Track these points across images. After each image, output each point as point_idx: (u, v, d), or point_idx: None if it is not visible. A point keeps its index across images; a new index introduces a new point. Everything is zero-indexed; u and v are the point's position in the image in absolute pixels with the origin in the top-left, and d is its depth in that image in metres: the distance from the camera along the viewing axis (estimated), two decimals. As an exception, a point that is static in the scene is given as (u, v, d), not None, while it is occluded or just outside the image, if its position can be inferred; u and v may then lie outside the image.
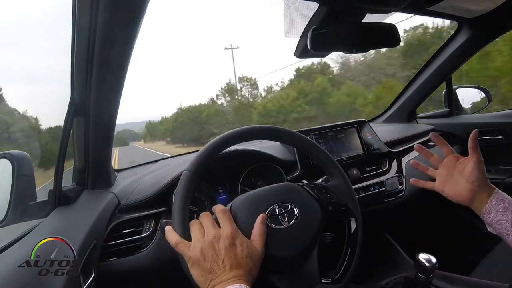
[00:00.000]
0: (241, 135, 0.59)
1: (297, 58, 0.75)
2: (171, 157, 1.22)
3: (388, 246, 1.11)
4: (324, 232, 0.59)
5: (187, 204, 0.50)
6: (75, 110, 0.64)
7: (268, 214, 0.51)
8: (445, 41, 1.13)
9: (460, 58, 1.14)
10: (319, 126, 1.03)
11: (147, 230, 0.71)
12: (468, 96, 1.34)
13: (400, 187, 1.00)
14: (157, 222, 0.73)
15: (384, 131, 1.16)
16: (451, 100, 1.31)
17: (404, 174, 1.04)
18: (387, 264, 1.05)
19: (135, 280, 0.74)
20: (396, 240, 1.11)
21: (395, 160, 1.07)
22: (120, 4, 0.46)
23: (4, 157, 0.62)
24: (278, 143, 0.97)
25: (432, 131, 1.28)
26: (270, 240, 0.48)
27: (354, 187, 0.86)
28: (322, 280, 0.53)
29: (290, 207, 0.53)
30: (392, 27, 0.64)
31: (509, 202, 0.52)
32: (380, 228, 1.15)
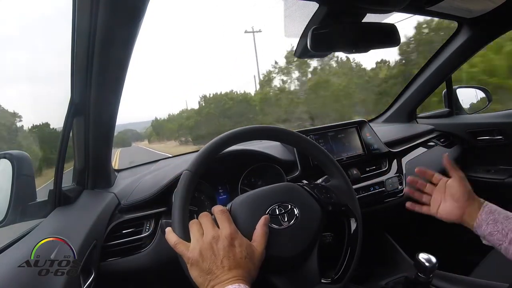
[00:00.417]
0: (241, 135, 0.59)
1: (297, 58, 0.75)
2: (171, 157, 1.22)
3: (388, 246, 1.11)
4: (324, 232, 0.59)
5: (187, 204, 0.50)
6: (75, 110, 0.64)
7: (268, 214, 0.51)
8: (445, 41, 1.13)
9: (460, 58, 1.14)
10: (319, 126, 1.03)
11: (147, 230, 0.71)
12: (467, 97, 1.34)
13: (400, 187, 1.00)
14: (157, 222, 0.73)
15: (384, 131, 1.16)
16: (451, 100, 1.31)
17: (404, 174, 1.04)
18: (387, 264, 1.05)
19: (135, 280, 0.74)
20: (396, 240, 1.11)
21: (395, 160, 1.07)
22: (120, 4, 0.46)
23: (4, 157, 0.62)
24: (278, 143, 0.97)
25: (432, 131, 1.28)
26: (270, 240, 0.48)
27: (354, 187, 0.86)
28: (322, 280, 0.53)
29: (290, 207, 0.53)
30: (392, 27, 0.64)
31: (498, 213, 0.54)
32: (380, 228, 1.15)
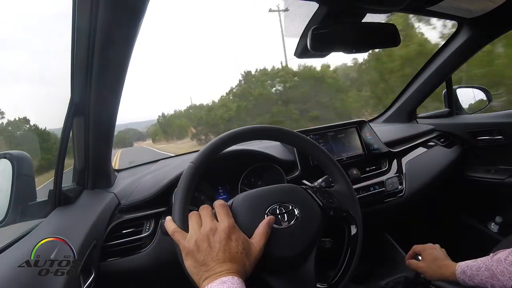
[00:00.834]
0: (241, 135, 0.59)
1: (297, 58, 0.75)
2: (171, 157, 1.22)
3: (388, 246, 1.11)
4: (323, 237, 0.59)
5: (189, 196, 0.50)
6: (75, 110, 0.64)
7: (273, 215, 0.51)
8: (445, 41, 1.13)
9: (460, 58, 1.14)
10: (319, 126, 1.03)
11: (147, 230, 0.71)
12: (467, 97, 1.34)
13: (400, 187, 1.00)
14: (157, 222, 0.73)
15: (384, 131, 1.16)
16: (451, 100, 1.31)
17: (404, 174, 1.04)
18: (387, 264, 1.05)
19: (135, 280, 0.74)
20: (396, 240, 1.11)
21: (395, 160, 1.07)
22: (120, 4, 0.46)
23: (4, 157, 0.62)
24: (278, 143, 0.97)
25: (432, 131, 1.28)
26: (269, 239, 0.48)
27: (354, 187, 0.86)
28: (318, 285, 0.53)
29: (290, 207, 0.53)
30: (392, 27, 0.64)
31: (470, 269, 0.58)
32: (380, 228, 1.15)
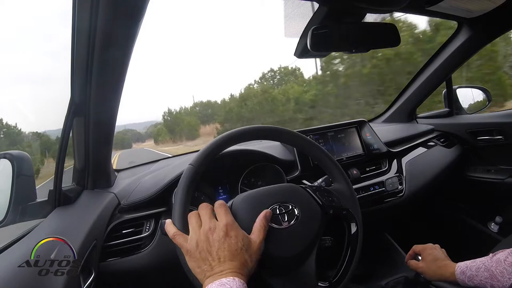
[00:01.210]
0: (241, 135, 0.59)
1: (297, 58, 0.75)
2: (171, 157, 1.22)
3: (388, 246, 1.11)
4: (323, 236, 0.59)
5: (188, 198, 0.50)
6: (75, 110, 0.64)
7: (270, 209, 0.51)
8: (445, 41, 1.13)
9: (460, 58, 1.14)
10: (319, 126, 1.03)
11: (147, 230, 0.71)
12: (467, 97, 1.34)
13: (400, 187, 1.00)
14: (157, 222, 0.73)
15: (384, 131, 1.16)
16: (451, 100, 1.31)
17: (404, 174, 1.04)
18: (387, 264, 1.05)
19: (135, 280, 0.74)
20: (396, 240, 1.11)
21: (395, 160, 1.07)
22: (120, 4, 0.46)
23: (4, 157, 0.62)
24: (278, 143, 0.97)
25: (432, 131, 1.28)
26: (269, 239, 0.48)
27: (354, 187, 0.86)
28: (319, 284, 0.53)
29: (290, 207, 0.53)
30: (392, 27, 0.64)
31: (470, 270, 0.59)
32: (380, 228, 1.15)
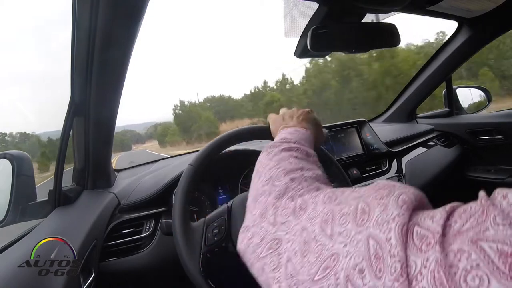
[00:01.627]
0: (240, 135, 0.59)
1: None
2: (171, 157, 1.22)
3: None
4: None
5: (188, 198, 0.51)
6: (75, 110, 0.64)
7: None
8: (445, 41, 1.13)
9: (460, 58, 1.14)
10: None
11: (147, 230, 0.71)
12: (467, 97, 1.34)
13: (400, 187, 1.00)
14: (157, 222, 0.73)
15: (384, 131, 1.16)
16: (451, 100, 1.31)
17: (404, 174, 1.04)
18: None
19: (135, 280, 0.74)
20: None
21: (395, 160, 1.07)
22: (120, 4, 0.46)
23: (4, 157, 0.62)
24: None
25: (432, 131, 1.28)
26: None
27: (354, 187, 0.86)
28: None
29: None
30: (392, 27, 0.64)
31: None
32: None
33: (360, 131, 1.06)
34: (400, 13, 0.79)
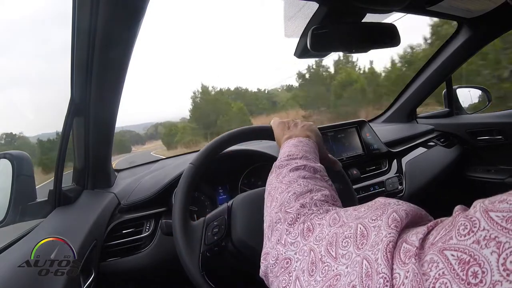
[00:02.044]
0: (241, 135, 0.59)
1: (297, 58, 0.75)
2: (171, 157, 1.22)
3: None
4: None
5: (188, 197, 0.51)
6: (75, 110, 0.64)
7: None
8: (445, 41, 1.13)
9: (460, 58, 1.14)
10: (319, 126, 1.03)
11: (147, 230, 0.71)
12: (467, 97, 1.34)
13: (400, 187, 1.00)
14: (157, 222, 0.73)
15: (384, 131, 1.16)
16: (451, 100, 1.31)
17: (404, 174, 1.04)
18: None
19: (135, 280, 0.74)
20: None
21: (395, 160, 1.07)
22: (120, 4, 0.46)
23: (4, 157, 0.62)
24: (278, 143, 0.96)
25: (432, 131, 1.28)
26: None
27: (354, 187, 0.86)
28: None
29: None
30: (392, 27, 0.64)
31: None
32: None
33: (360, 131, 1.06)
34: (400, 13, 0.80)
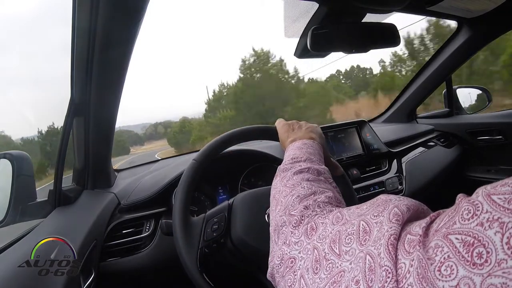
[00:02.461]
0: (243, 135, 0.59)
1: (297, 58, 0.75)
2: (171, 157, 1.22)
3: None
4: None
5: (190, 194, 0.51)
6: (75, 110, 0.64)
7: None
8: (445, 41, 1.13)
9: (460, 58, 1.14)
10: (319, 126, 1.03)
11: (147, 230, 0.71)
12: (467, 97, 1.34)
13: (400, 187, 1.00)
14: (157, 222, 0.73)
15: (384, 131, 1.16)
16: (451, 100, 1.31)
17: (404, 174, 1.04)
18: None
19: (135, 280, 0.74)
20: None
21: (395, 160, 1.07)
22: (120, 4, 0.46)
23: (4, 157, 0.62)
24: (278, 143, 0.96)
25: (432, 131, 1.28)
26: (267, 237, 0.48)
27: (354, 187, 0.86)
28: None
29: None
30: (392, 27, 0.64)
31: None
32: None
33: (360, 131, 1.06)
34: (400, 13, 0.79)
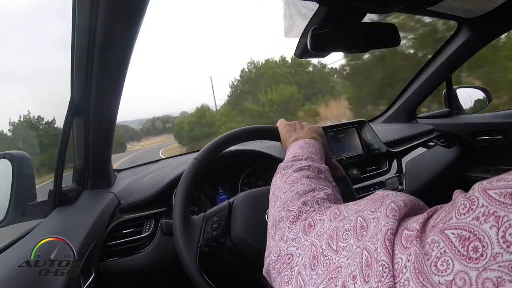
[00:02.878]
0: (244, 135, 0.59)
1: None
2: (171, 157, 1.22)
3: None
4: None
5: (190, 192, 0.51)
6: (75, 110, 0.64)
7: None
8: (445, 41, 1.13)
9: (460, 58, 1.14)
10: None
11: (147, 230, 0.71)
12: (467, 97, 1.34)
13: (400, 187, 1.00)
14: (157, 222, 0.73)
15: (384, 131, 1.16)
16: (451, 100, 1.31)
17: (404, 174, 1.04)
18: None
19: (135, 280, 0.74)
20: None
21: (395, 160, 1.07)
22: (120, 4, 0.46)
23: (4, 157, 0.62)
24: (278, 143, 0.96)
25: (432, 131, 1.28)
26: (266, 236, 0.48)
27: (354, 187, 0.86)
28: None
29: None
30: (392, 27, 0.64)
31: None
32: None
33: (360, 131, 1.06)
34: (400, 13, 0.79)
